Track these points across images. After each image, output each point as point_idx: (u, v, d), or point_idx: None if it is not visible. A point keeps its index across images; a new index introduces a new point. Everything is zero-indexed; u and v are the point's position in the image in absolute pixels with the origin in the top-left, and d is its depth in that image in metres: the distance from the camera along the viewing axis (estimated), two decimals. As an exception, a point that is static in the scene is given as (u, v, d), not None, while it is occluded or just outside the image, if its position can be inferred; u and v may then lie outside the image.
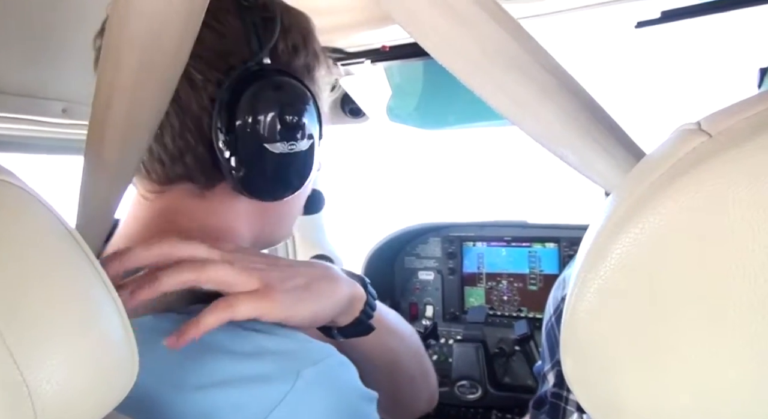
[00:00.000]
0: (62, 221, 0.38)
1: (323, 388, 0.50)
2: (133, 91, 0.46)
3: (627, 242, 0.29)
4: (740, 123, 0.27)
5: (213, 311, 0.49)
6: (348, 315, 0.64)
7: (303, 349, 0.52)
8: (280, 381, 0.48)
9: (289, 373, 0.49)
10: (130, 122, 0.48)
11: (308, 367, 0.49)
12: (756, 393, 0.28)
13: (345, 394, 0.52)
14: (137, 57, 0.45)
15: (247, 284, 0.52)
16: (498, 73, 0.41)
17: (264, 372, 0.49)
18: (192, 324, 0.47)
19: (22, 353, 0.32)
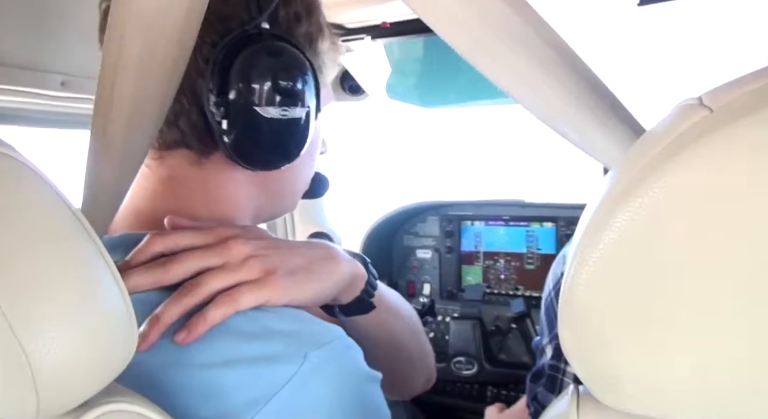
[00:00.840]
0: (61, 196, 0.38)
1: (330, 371, 0.50)
2: (138, 70, 0.46)
3: (627, 215, 0.29)
4: (741, 97, 0.27)
5: (217, 305, 0.50)
6: (349, 293, 0.65)
7: (310, 331, 0.52)
8: (287, 363, 0.48)
9: (296, 355, 0.49)
10: (138, 101, 0.47)
11: (315, 349, 0.50)
12: (752, 364, 0.28)
13: (351, 377, 0.53)
14: (142, 35, 0.44)
15: (247, 275, 0.52)
16: (501, 49, 0.41)
17: (271, 353, 0.49)
18: (199, 320, 0.48)
19: (21, 325, 0.32)
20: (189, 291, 0.50)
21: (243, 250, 0.54)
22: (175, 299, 0.50)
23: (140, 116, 0.49)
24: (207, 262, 0.52)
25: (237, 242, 0.54)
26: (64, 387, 0.35)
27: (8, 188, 0.35)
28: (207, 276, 0.51)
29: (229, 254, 0.53)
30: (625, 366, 0.31)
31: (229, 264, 0.53)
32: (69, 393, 0.36)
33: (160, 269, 0.51)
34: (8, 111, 0.85)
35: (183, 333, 0.48)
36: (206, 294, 0.51)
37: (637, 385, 0.31)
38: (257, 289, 0.52)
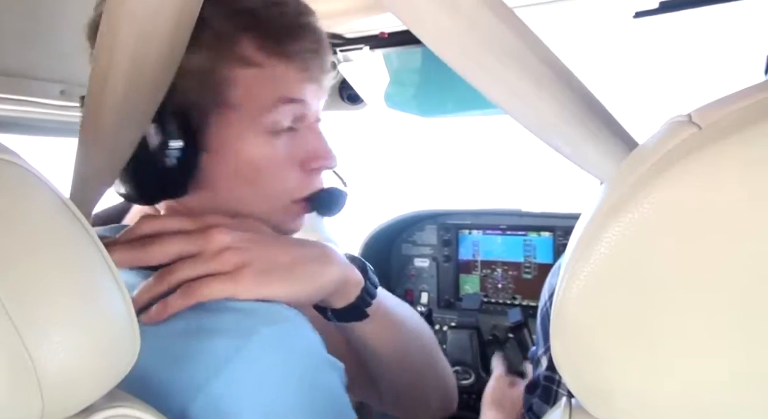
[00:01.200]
0: (65, 201, 0.39)
1: (279, 348, 0.51)
2: (130, 71, 0.47)
3: (617, 230, 0.29)
4: (730, 115, 0.28)
5: (180, 295, 0.52)
6: (341, 298, 0.64)
7: (265, 309, 0.53)
8: (235, 336, 0.49)
9: (246, 329, 0.50)
10: (128, 98, 0.49)
11: (267, 326, 0.51)
12: (742, 380, 0.28)
13: (302, 356, 0.53)
14: (135, 34, 0.45)
15: (218, 268, 0.54)
16: (492, 62, 0.41)
17: (222, 326, 0.50)
18: (161, 307, 0.51)
19: (27, 329, 0.33)
20: (160, 278, 0.53)
21: (221, 240, 0.55)
22: (147, 285, 0.53)
23: (130, 114, 0.50)
24: (184, 248, 0.54)
25: (218, 232, 0.55)
26: (69, 391, 0.36)
27: (13, 194, 0.35)
28: (178, 264, 0.53)
29: (206, 244, 0.54)
30: (616, 380, 0.31)
31: (204, 254, 0.54)
32: (73, 397, 0.37)
33: (140, 249, 0.53)
34: (8, 119, 0.85)
35: (146, 316, 0.51)
36: (174, 282, 0.53)
37: (629, 399, 0.31)
38: (223, 283, 0.53)
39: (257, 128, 0.59)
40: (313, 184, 0.65)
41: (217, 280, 0.53)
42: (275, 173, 0.61)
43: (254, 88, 0.58)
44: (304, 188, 0.65)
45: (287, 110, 0.60)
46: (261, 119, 0.59)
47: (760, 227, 0.26)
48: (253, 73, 0.58)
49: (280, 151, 0.61)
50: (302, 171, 0.63)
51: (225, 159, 0.59)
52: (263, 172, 0.61)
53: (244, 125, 0.59)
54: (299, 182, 0.64)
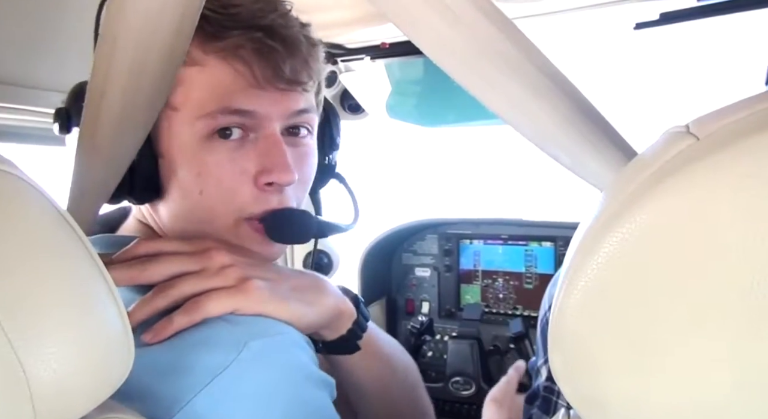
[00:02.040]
0: (61, 212, 0.38)
1: (268, 361, 0.50)
2: (128, 80, 0.47)
3: (614, 241, 0.29)
4: (727, 127, 0.28)
5: (184, 312, 0.51)
6: (333, 329, 0.64)
7: (256, 323, 0.52)
8: (226, 349, 0.49)
9: (237, 342, 0.49)
10: (126, 107, 0.49)
11: (256, 339, 0.50)
12: (740, 391, 0.28)
13: (291, 371, 0.51)
14: (133, 44, 0.45)
15: (221, 282, 0.53)
16: (492, 72, 0.41)
17: (212, 338, 0.50)
18: (165, 324, 0.50)
19: (20, 341, 0.33)
20: (161, 293, 0.52)
21: (222, 259, 0.54)
22: (146, 299, 0.52)
23: (128, 123, 0.50)
24: (184, 267, 0.53)
25: (218, 252, 0.55)
26: (61, 402, 0.35)
27: (8, 204, 0.35)
28: (180, 279, 0.53)
29: (207, 262, 0.54)
30: (613, 391, 0.31)
31: (207, 271, 0.53)
32: (65, 408, 0.36)
33: (138, 267, 0.53)
34: (8, 129, 0.86)
35: (150, 334, 0.50)
36: (177, 297, 0.52)
37: (626, 411, 0.31)
38: (228, 296, 0.52)
39: (196, 133, 0.55)
40: (266, 202, 0.58)
41: (221, 294, 0.52)
42: (218, 183, 0.56)
43: (194, 91, 0.54)
44: (253, 206, 0.58)
45: (228, 120, 0.55)
46: (199, 124, 0.55)
47: (757, 238, 0.26)
48: (194, 72, 0.54)
49: (221, 159, 0.56)
50: (254, 186, 0.57)
51: (172, 165, 0.56)
52: (204, 181, 0.56)
53: (183, 129, 0.55)
54: (248, 199, 0.58)
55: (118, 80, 0.47)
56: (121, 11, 0.44)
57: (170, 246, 0.55)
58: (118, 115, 0.49)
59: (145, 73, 0.47)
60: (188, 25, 0.47)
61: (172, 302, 0.52)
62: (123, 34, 0.44)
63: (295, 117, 0.60)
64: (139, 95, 0.49)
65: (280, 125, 0.59)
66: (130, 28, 0.44)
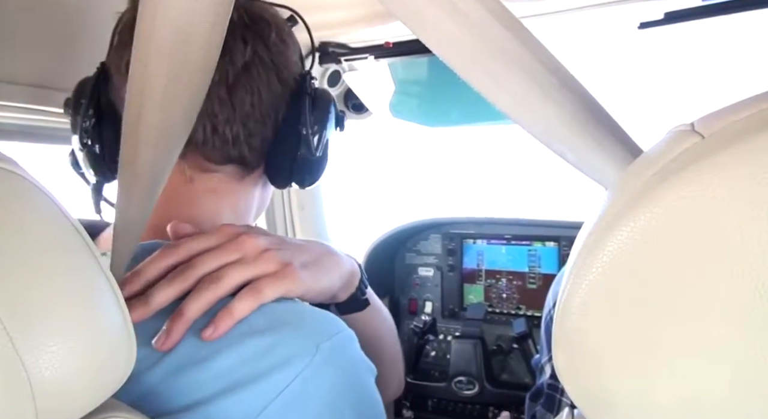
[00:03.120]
0: (63, 211, 0.38)
1: (338, 361, 0.52)
2: (163, 98, 0.46)
3: (619, 239, 0.29)
4: (733, 125, 0.28)
5: (242, 299, 0.51)
6: (347, 290, 0.67)
7: (318, 322, 0.54)
8: (299, 354, 0.49)
9: (309, 346, 0.50)
10: (163, 129, 0.48)
11: (325, 341, 0.51)
12: (744, 390, 0.28)
13: (355, 367, 0.55)
14: (166, 64, 0.44)
15: (266, 268, 0.54)
16: (498, 69, 0.41)
17: (283, 345, 0.50)
18: (225, 315, 0.49)
19: (21, 340, 0.33)
20: (209, 285, 0.51)
21: (258, 244, 0.55)
22: (196, 294, 0.50)
23: (166, 142, 0.49)
24: (224, 259, 0.53)
25: (250, 237, 0.55)
26: (63, 401, 0.36)
27: (11, 203, 0.35)
28: (227, 269, 0.52)
29: (244, 249, 0.54)
30: (618, 390, 0.31)
31: (246, 258, 0.54)
32: (67, 407, 0.36)
33: (180, 278, 0.51)
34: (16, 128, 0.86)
35: (210, 328, 0.48)
36: (228, 287, 0.51)
37: (631, 410, 0.31)
38: (278, 281, 0.53)
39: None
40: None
41: (270, 280, 0.53)
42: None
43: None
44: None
45: None
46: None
47: (762, 236, 0.26)
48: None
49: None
50: None
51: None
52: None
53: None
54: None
55: (155, 99, 0.46)
56: (151, 29, 0.43)
57: (199, 245, 0.54)
58: (156, 137, 0.48)
59: (180, 90, 0.46)
60: (218, 35, 0.46)
61: (224, 294, 0.51)
62: (154, 53, 0.44)
63: None
64: (175, 113, 0.48)
65: None
66: (161, 45, 0.43)
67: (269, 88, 0.61)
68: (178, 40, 0.43)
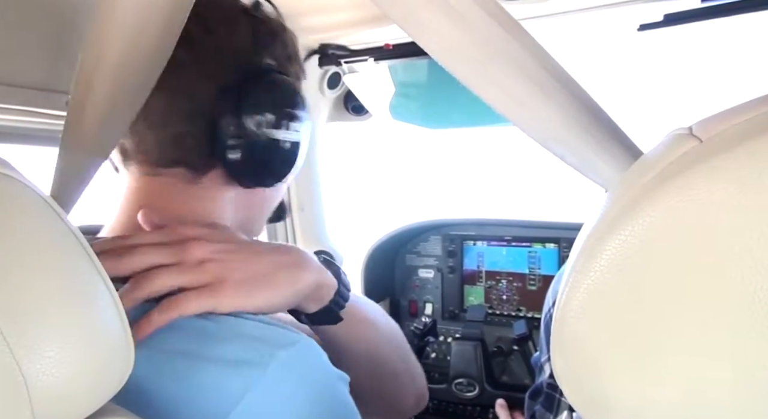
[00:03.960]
0: (60, 215, 0.38)
1: (296, 370, 0.51)
2: (115, 73, 0.47)
3: (617, 243, 0.29)
4: (730, 129, 0.28)
5: (161, 310, 0.50)
6: (315, 302, 0.65)
7: (275, 334, 0.53)
8: (255, 364, 0.49)
9: (264, 356, 0.50)
10: (112, 103, 0.49)
11: (281, 350, 0.51)
12: (742, 394, 0.28)
13: (317, 375, 0.54)
14: (123, 41, 0.46)
15: (198, 279, 0.53)
16: (497, 72, 0.41)
17: (240, 355, 0.50)
18: (143, 323, 0.50)
19: (18, 345, 0.33)
20: (137, 284, 0.51)
21: (199, 252, 0.54)
22: (123, 292, 0.50)
23: (114, 114, 0.50)
24: (160, 259, 0.53)
25: (196, 243, 0.55)
26: (60, 406, 0.35)
27: (7, 208, 0.35)
28: (156, 271, 0.52)
29: (184, 255, 0.54)
30: (616, 393, 0.31)
31: (183, 264, 0.53)
32: (65, 412, 0.36)
33: (113, 259, 0.52)
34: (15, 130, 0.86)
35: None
36: (154, 289, 0.51)
37: (629, 413, 0.31)
38: (204, 296, 0.52)
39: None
40: None
41: (198, 293, 0.52)
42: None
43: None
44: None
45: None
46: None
47: (759, 240, 0.26)
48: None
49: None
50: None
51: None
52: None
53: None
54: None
55: (106, 73, 0.47)
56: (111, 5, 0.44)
57: (148, 238, 0.55)
58: (103, 108, 0.49)
59: (134, 68, 0.48)
60: (178, 21, 0.47)
61: (148, 296, 0.51)
62: (113, 28, 0.45)
63: None
64: (126, 88, 0.49)
65: None
66: (120, 22, 0.44)
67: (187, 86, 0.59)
68: (137, 20, 0.44)
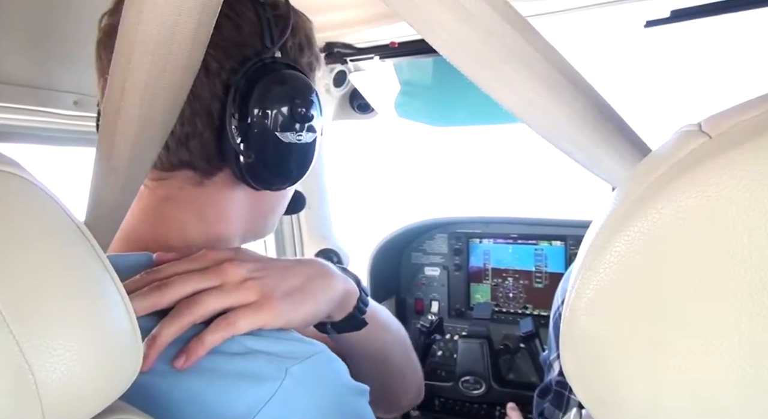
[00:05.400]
0: (68, 213, 0.38)
1: (311, 384, 0.51)
2: (144, 93, 0.46)
3: (626, 240, 0.29)
4: (740, 125, 0.28)
5: (215, 330, 0.50)
6: (342, 310, 0.65)
7: (290, 347, 0.53)
8: (269, 379, 0.49)
9: (278, 371, 0.50)
10: (142, 125, 0.48)
11: (296, 364, 0.50)
12: (753, 392, 0.28)
13: (333, 389, 0.53)
14: (149, 60, 0.44)
15: (244, 298, 0.53)
16: (505, 69, 0.41)
17: (253, 370, 0.50)
18: (197, 345, 0.49)
19: (28, 343, 0.33)
20: (185, 310, 0.51)
21: (239, 272, 0.54)
22: (171, 319, 0.50)
23: (145, 138, 0.49)
24: (203, 284, 0.53)
25: (232, 265, 0.55)
26: (70, 404, 0.35)
27: (15, 206, 0.35)
28: (204, 295, 0.52)
29: (225, 276, 0.54)
30: (625, 392, 0.31)
31: (226, 286, 0.53)
32: (74, 410, 0.36)
33: (156, 293, 0.51)
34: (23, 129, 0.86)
35: (181, 358, 0.48)
36: (203, 313, 0.51)
37: (639, 410, 0.31)
38: (255, 313, 0.52)
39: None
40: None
41: (247, 311, 0.52)
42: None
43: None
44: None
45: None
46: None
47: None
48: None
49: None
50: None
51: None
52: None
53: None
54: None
55: (135, 95, 0.46)
56: (136, 24, 0.43)
57: (183, 266, 0.54)
58: (135, 132, 0.48)
59: (162, 86, 0.47)
60: (204, 34, 0.46)
61: (198, 319, 0.51)
62: (139, 47, 0.44)
63: None
64: (155, 109, 0.48)
65: None
66: (146, 40, 0.44)
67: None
68: (163, 36, 0.43)
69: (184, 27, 0.44)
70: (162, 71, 0.45)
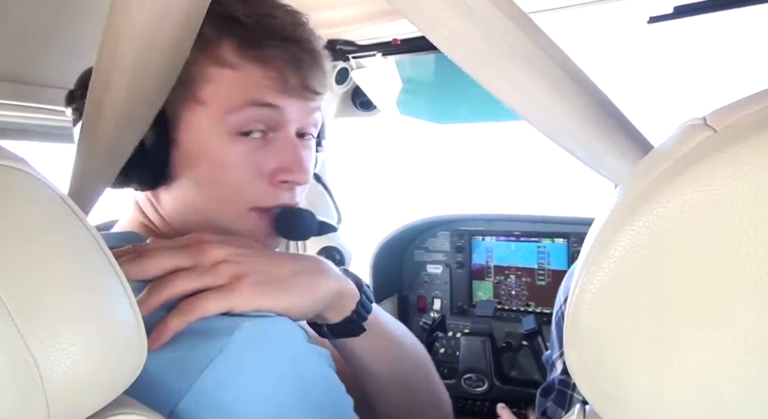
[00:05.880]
0: (73, 208, 0.39)
1: (262, 340, 0.51)
2: (133, 73, 0.47)
3: (630, 235, 0.29)
4: (745, 119, 0.28)
5: (180, 313, 0.51)
6: (336, 311, 0.64)
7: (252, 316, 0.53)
8: (219, 335, 0.50)
9: (228, 327, 0.50)
10: (128, 105, 0.49)
11: (246, 321, 0.51)
12: (758, 388, 0.28)
13: (285, 345, 0.53)
14: (137, 43, 0.45)
15: (214, 281, 0.53)
16: (507, 66, 0.41)
17: (204, 328, 0.50)
18: (161, 328, 0.50)
19: (32, 337, 0.33)
20: (154, 290, 0.52)
21: (216, 254, 0.54)
22: (141, 300, 0.51)
23: (130, 117, 0.50)
24: (177, 261, 0.53)
25: (212, 246, 0.55)
26: (74, 398, 0.36)
27: (20, 202, 0.35)
28: (173, 276, 0.52)
29: (200, 257, 0.54)
30: (629, 387, 0.31)
31: (199, 267, 0.53)
32: (79, 404, 0.37)
33: (133, 262, 0.52)
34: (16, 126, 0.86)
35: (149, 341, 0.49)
36: (171, 294, 0.52)
37: (642, 407, 0.31)
38: (222, 296, 0.52)
39: (221, 128, 0.59)
40: (276, 197, 0.64)
41: (215, 294, 0.52)
42: (234, 176, 0.61)
43: (224, 88, 0.59)
44: (264, 199, 0.63)
45: (256, 113, 0.60)
46: (226, 119, 0.59)
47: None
48: (227, 74, 0.59)
49: (243, 155, 0.61)
50: (268, 182, 0.63)
51: (188, 155, 0.60)
52: (223, 172, 0.61)
53: (209, 123, 0.59)
54: (261, 192, 0.63)
55: (123, 74, 0.47)
56: (127, 5, 0.44)
57: (164, 242, 0.55)
58: (121, 108, 0.49)
59: (151, 67, 0.47)
60: (194, 20, 0.47)
61: (166, 300, 0.51)
62: (128, 28, 0.44)
63: (308, 123, 0.66)
64: (143, 89, 0.49)
65: (295, 129, 0.64)
66: (136, 22, 0.44)
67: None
68: (152, 21, 0.44)
69: (174, 13, 0.45)
70: (150, 55, 0.47)
